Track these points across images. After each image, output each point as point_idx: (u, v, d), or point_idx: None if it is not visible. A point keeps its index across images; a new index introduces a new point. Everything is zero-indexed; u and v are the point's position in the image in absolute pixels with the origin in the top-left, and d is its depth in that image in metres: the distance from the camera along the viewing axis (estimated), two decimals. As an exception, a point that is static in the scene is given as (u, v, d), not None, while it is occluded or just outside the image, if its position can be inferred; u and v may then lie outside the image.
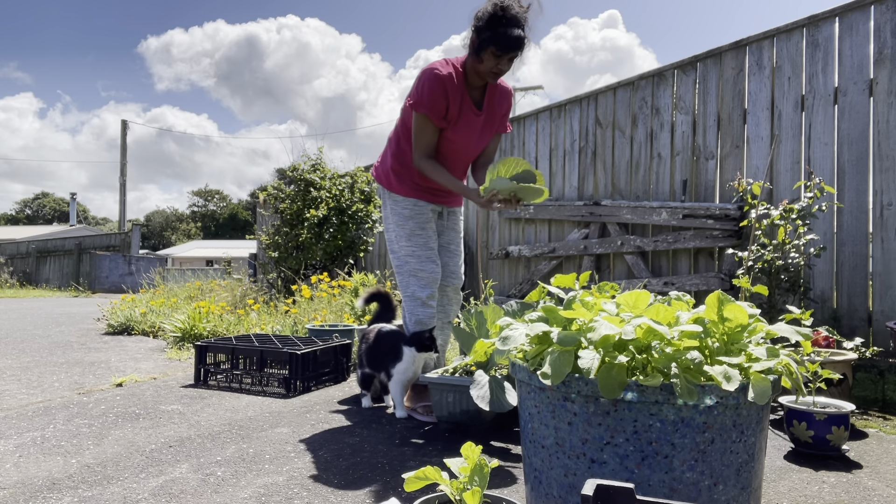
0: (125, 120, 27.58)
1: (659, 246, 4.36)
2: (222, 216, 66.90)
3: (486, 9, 2.43)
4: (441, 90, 2.47)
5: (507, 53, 2.44)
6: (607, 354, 1.26)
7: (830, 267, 3.56)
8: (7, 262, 19.81)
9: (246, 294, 6.75)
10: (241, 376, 3.29)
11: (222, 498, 1.72)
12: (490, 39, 2.41)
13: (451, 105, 2.51)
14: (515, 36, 2.41)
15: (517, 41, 2.42)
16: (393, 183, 2.69)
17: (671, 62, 4.49)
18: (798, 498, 1.77)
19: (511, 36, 2.40)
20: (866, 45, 3.48)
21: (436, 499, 1.23)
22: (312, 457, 2.10)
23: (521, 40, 2.43)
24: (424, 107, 2.47)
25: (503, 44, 2.42)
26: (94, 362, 4.08)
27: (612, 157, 4.84)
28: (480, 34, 2.44)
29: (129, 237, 19.77)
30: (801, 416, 2.15)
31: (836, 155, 3.57)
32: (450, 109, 2.51)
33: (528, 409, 1.43)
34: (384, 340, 2.74)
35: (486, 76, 2.53)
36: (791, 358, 1.32)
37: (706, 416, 1.23)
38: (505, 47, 2.42)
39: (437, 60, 2.59)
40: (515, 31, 2.41)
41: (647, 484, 1.24)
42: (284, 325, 4.78)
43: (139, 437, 2.30)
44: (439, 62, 2.56)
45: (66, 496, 1.72)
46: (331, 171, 6.94)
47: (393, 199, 2.70)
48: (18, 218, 65.45)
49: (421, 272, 2.63)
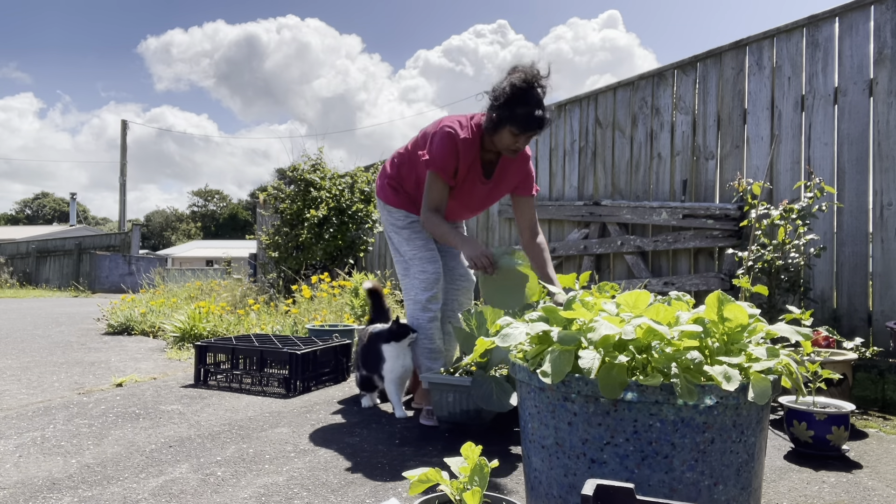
0: (125, 120, 27.59)
1: (659, 246, 4.36)
2: (222, 216, 66.90)
3: (505, 88, 2.39)
4: (453, 151, 2.46)
5: (525, 133, 2.42)
6: (607, 354, 1.26)
7: (830, 267, 3.56)
8: (7, 262, 19.81)
9: (246, 294, 6.75)
10: (241, 376, 3.29)
11: (222, 498, 1.72)
12: (508, 119, 2.39)
13: (461, 167, 2.51)
14: (536, 117, 2.37)
15: (537, 122, 2.38)
16: (389, 196, 2.72)
17: (671, 62, 4.48)
18: (798, 498, 1.77)
19: (532, 117, 2.37)
20: (866, 45, 3.48)
21: (436, 499, 1.23)
22: (312, 457, 2.10)
23: (542, 121, 2.39)
24: (436, 165, 2.46)
25: (522, 125, 2.39)
26: (94, 362, 4.08)
27: (612, 157, 4.84)
28: (499, 112, 2.41)
29: (129, 237, 19.77)
30: (801, 416, 2.15)
31: (836, 155, 3.57)
32: (458, 171, 2.51)
33: (528, 409, 1.43)
34: (373, 342, 2.73)
35: (503, 151, 2.52)
36: (791, 358, 1.32)
37: (706, 416, 1.23)
38: (524, 128, 2.40)
39: (456, 117, 2.56)
40: (536, 111, 2.37)
41: (647, 484, 1.24)
42: (284, 325, 4.78)
43: (139, 437, 2.30)
44: (457, 120, 2.54)
45: (66, 496, 1.72)
46: (331, 171, 6.94)
47: (388, 210, 2.74)
48: (18, 218, 65.46)
49: (422, 273, 2.62)
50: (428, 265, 2.63)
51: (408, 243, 2.66)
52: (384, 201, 2.75)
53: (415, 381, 2.88)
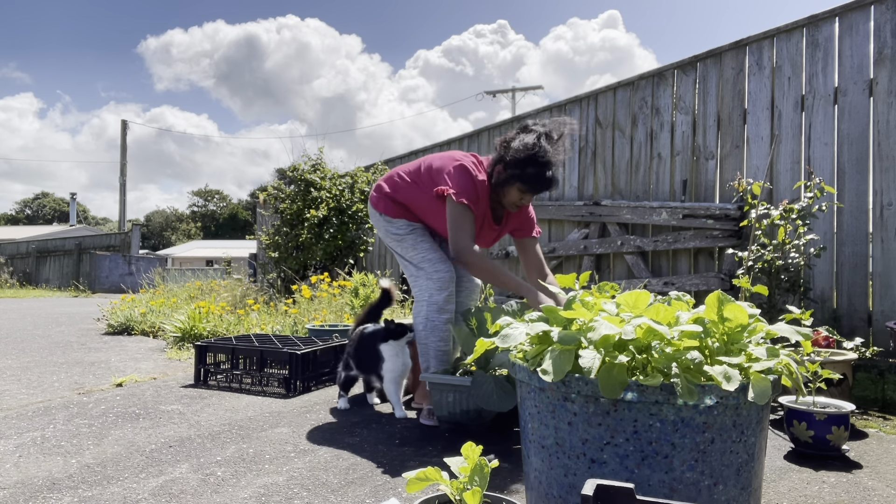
0: (125, 120, 27.58)
1: (659, 246, 4.36)
2: (222, 216, 66.90)
3: (518, 147, 2.38)
4: (474, 190, 2.48)
5: (534, 193, 2.43)
6: (607, 354, 1.26)
7: (830, 267, 3.56)
8: (7, 262, 19.82)
9: (246, 294, 6.75)
10: (241, 376, 3.29)
11: (222, 498, 1.72)
12: (518, 177, 2.40)
13: (477, 210, 2.52)
14: (546, 178, 2.38)
15: (547, 183, 2.40)
16: (389, 207, 2.69)
17: (671, 62, 4.49)
18: (798, 498, 1.77)
19: (542, 178, 2.38)
20: (866, 45, 3.48)
21: (436, 499, 1.23)
22: (312, 457, 2.10)
23: (551, 182, 2.40)
24: (466, 197, 2.45)
25: (532, 184, 2.40)
26: (94, 362, 4.08)
27: (612, 157, 4.85)
28: (508, 169, 2.41)
29: (129, 237, 19.77)
30: (801, 416, 2.15)
31: (836, 155, 3.57)
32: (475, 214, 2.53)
33: (528, 409, 1.43)
34: (368, 342, 2.70)
35: (507, 205, 2.53)
36: (791, 358, 1.32)
37: (706, 416, 1.23)
38: (533, 189, 2.41)
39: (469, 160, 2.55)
40: (546, 172, 2.38)
41: (647, 484, 1.24)
42: (284, 326, 4.78)
43: (139, 437, 2.30)
44: (472, 163, 2.53)
45: (66, 496, 1.72)
46: (331, 171, 6.94)
47: (388, 220, 2.70)
48: (18, 218, 65.45)
49: (436, 273, 2.59)
50: (440, 265, 2.61)
51: (414, 248, 2.65)
52: (384, 213, 2.70)
53: (415, 381, 2.88)
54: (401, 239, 2.68)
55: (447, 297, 2.58)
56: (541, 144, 2.36)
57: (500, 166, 2.46)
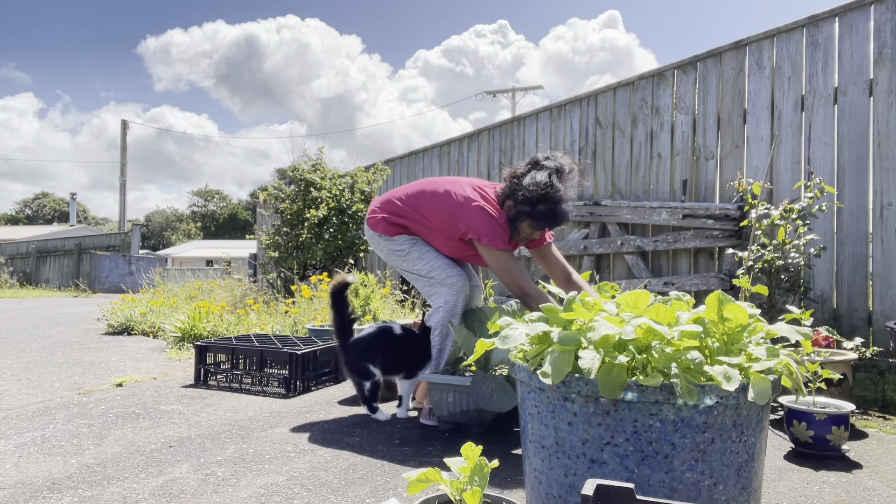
0: (125, 120, 27.55)
1: (659, 246, 4.36)
2: (222, 216, 66.90)
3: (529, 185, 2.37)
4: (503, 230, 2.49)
5: (545, 229, 2.44)
6: (607, 354, 1.26)
7: (830, 267, 3.56)
8: (7, 262, 19.81)
9: (246, 294, 6.75)
10: (241, 376, 3.29)
11: (222, 498, 1.72)
12: (529, 214, 2.41)
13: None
14: (557, 214, 2.39)
15: (559, 220, 2.41)
16: (388, 227, 2.68)
17: (671, 62, 4.48)
18: (798, 498, 1.77)
19: (553, 214, 2.39)
20: (866, 45, 3.48)
21: (436, 499, 1.23)
22: (312, 457, 2.10)
23: (564, 217, 2.41)
24: (502, 243, 2.46)
25: (544, 222, 2.41)
26: (94, 362, 4.08)
27: (612, 157, 4.84)
28: (519, 206, 2.41)
29: (129, 237, 19.77)
30: (801, 416, 2.15)
31: (836, 155, 3.57)
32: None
33: (528, 409, 1.43)
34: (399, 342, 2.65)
35: (518, 239, 2.54)
36: (791, 358, 1.32)
37: (706, 416, 1.23)
38: (546, 225, 2.42)
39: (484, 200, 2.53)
40: (558, 208, 2.38)
41: (647, 484, 1.24)
42: (284, 326, 4.78)
43: (139, 437, 2.30)
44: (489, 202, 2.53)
45: (66, 496, 1.72)
46: (331, 171, 6.94)
47: (388, 240, 2.69)
48: (18, 218, 65.42)
49: (449, 279, 2.60)
50: (450, 269, 2.62)
51: (421, 259, 2.64)
52: (383, 234, 2.68)
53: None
54: (406, 254, 2.66)
55: (463, 300, 2.60)
56: (552, 183, 2.37)
57: (510, 202, 2.46)
